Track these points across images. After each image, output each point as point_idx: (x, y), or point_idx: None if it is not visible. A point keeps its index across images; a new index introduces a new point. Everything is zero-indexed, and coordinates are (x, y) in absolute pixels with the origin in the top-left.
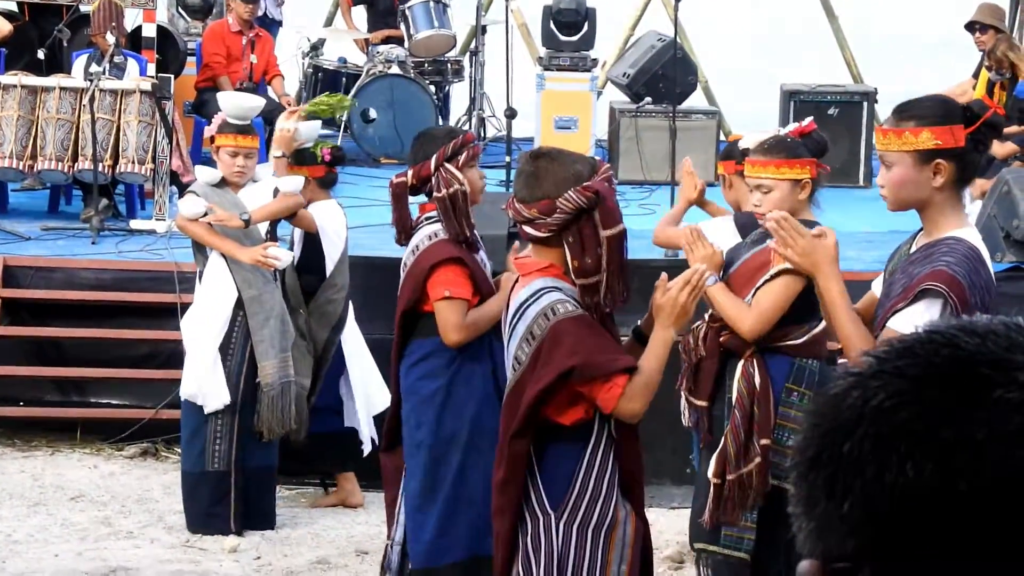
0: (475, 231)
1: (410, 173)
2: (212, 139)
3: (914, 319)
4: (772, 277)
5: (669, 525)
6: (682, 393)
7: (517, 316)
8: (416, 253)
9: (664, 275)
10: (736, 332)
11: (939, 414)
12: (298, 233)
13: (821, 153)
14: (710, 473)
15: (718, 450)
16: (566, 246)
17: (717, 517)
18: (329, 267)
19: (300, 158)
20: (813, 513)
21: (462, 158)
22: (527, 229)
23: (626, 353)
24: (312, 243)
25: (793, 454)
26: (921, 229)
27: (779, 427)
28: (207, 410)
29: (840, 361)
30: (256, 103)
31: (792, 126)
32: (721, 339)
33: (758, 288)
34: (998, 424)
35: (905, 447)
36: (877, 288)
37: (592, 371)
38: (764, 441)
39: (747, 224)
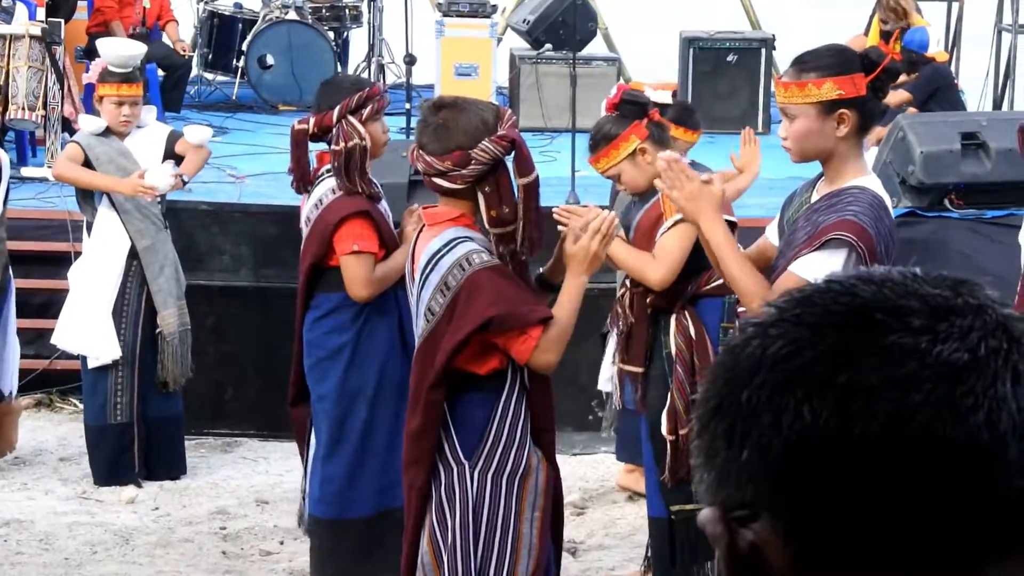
0: (375, 183)
1: (312, 121)
2: (93, 87)
3: (816, 264)
4: (670, 227)
5: (571, 471)
6: (613, 369)
7: (430, 267)
8: (320, 207)
9: (572, 223)
10: (645, 284)
11: (835, 359)
12: None
13: (643, 111)
14: (664, 431)
15: (666, 407)
16: (482, 196)
17: (677, 472)
18: None
19: None
20: (713, 463)
21: (366, 111)
22: (439, 181)
23: (541, 303)
24: None
25: (695, 406)
26: (821, 176)
27: None
28: (98, 364)
29: (740, 309)
30: (137, 50)
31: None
32: (648, 301)
33: (658, 240)
34: (892, 369)
35: (802, 392)
36: (771, 234)
37: (510, 322)
38: None
39: None
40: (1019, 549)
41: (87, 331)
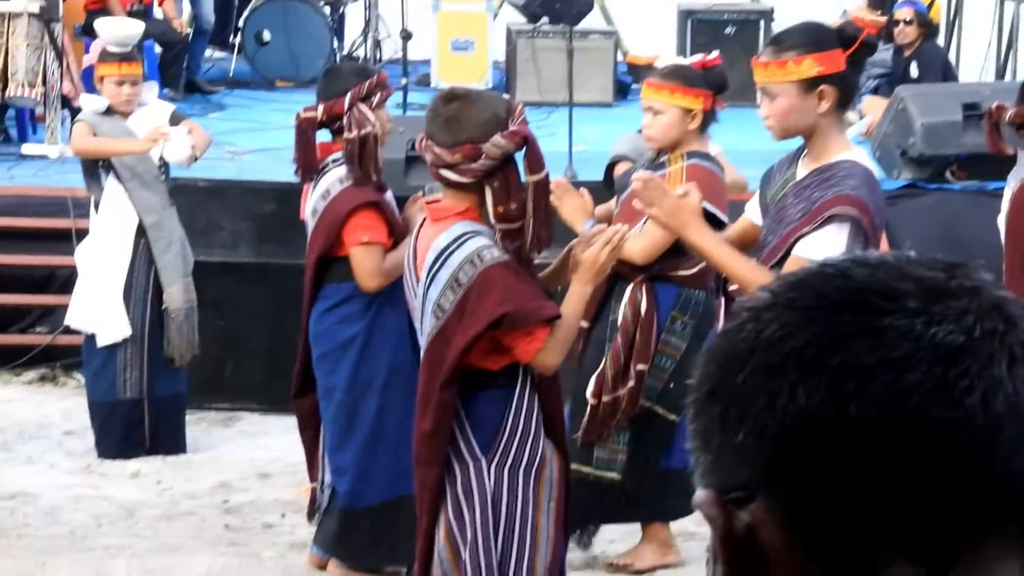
0: (381, 174)
1: (321, 109)
2: (93, 67)
3: (822, 243)
4: None
5: None
6: None
7: (439, 263)
8: (328, 198)
9: (583, 231)
10: (627, 258)
11: (829, 342)
12: None
13: (720, 89)
14: (588, 393)
15: (597, 371)
16: (490, 192)
17: (589, 436)
18: None
19: None
20: (709, 446)
21: (376, 99)
22: (447, 174)
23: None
24: None
25: (690, 391)
26: (802, 152)
27: (659, 353)
28: (108, 342)
29: (732, 288)
30: (136, 29)
31: (697, 57)
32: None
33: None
34: (886, 350)
35: (796, 374)
36: (753, 214)
37: (522, 319)
38: (640, 367)
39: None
40: (1013, 530)
41: (98, 310)
